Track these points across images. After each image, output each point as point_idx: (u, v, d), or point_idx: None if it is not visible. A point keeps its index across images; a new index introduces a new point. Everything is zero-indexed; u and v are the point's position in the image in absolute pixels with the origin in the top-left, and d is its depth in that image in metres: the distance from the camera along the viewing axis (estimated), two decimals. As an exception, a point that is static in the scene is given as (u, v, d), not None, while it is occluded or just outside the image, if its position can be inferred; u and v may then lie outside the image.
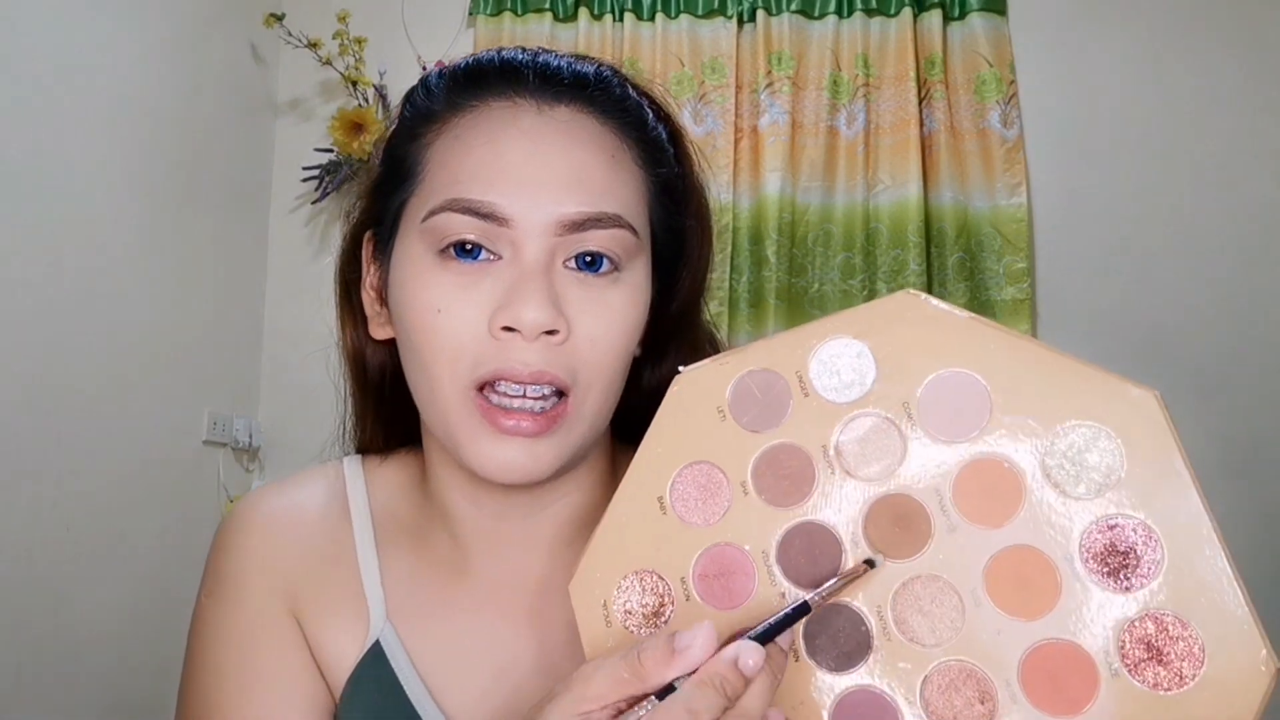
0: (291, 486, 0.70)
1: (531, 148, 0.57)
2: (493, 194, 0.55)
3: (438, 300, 0.56)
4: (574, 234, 0.56)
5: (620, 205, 0.58)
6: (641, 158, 0.61)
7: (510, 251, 0.56)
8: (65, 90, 1.78)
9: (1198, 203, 2.30)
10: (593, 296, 0.57)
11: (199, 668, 0.65)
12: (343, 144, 2.32)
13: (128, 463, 1.94)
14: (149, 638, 2.00)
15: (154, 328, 2.02)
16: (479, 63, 0.62)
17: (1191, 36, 2.34)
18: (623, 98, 0.62)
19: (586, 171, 0.57)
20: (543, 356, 0.55)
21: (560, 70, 0.60)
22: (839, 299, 2.27)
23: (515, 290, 0.55)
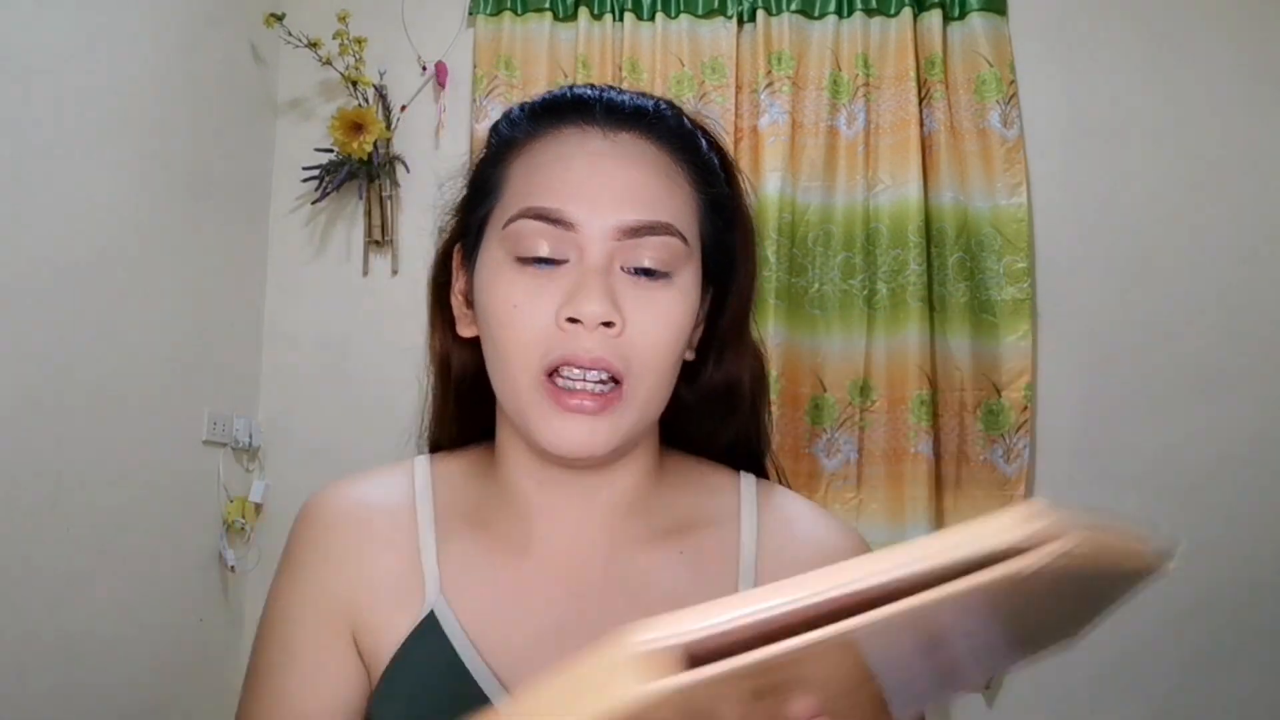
0: (361, 479, 0.78)
1: (596, 164, 0.67)
2: (561, 202, 0.65)
3: (515, 297, 0.66)
4: (631, 239, 0.66)
5: (671, 215, 0.67)
6: (694, 178, 0.70)
7: (576, 255, 0.66)
8: (65, 90, 1.78)
9: (1197, 202, 2.30)
10: (646, 296, 0.66)
11: (259, 634, 0.75)
12: (343, 144, 2.32)
13: (128, 463, 1.94)
14: (149, 638, 2.00)
15: (154, 328, 2.02)
16: (555, 97, 0.73)
17: (1191, 36, 2.34)
18: (678, 127, 0.72)
19: (643, 185, 0.67)
20: (601, 345, 0.64)
21: (623, 103, 0.71)
22: (839, 299, 2.27)
23: (579, 288, 0.64)
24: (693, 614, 0.40)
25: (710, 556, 0.73)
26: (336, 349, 2.42)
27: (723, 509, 0.75)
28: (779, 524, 0.75)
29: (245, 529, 2.29)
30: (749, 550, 0.73)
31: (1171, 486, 2.23)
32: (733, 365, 0.76)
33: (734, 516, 0.75)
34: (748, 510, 0.75)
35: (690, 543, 0.73)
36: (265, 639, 0.74)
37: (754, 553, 0.73)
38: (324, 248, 2.46)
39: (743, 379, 0.76)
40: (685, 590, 0.71)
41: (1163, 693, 2.20)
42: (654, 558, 0.72)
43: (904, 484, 2.21)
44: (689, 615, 0.40)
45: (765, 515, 0.75)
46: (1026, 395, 2.22)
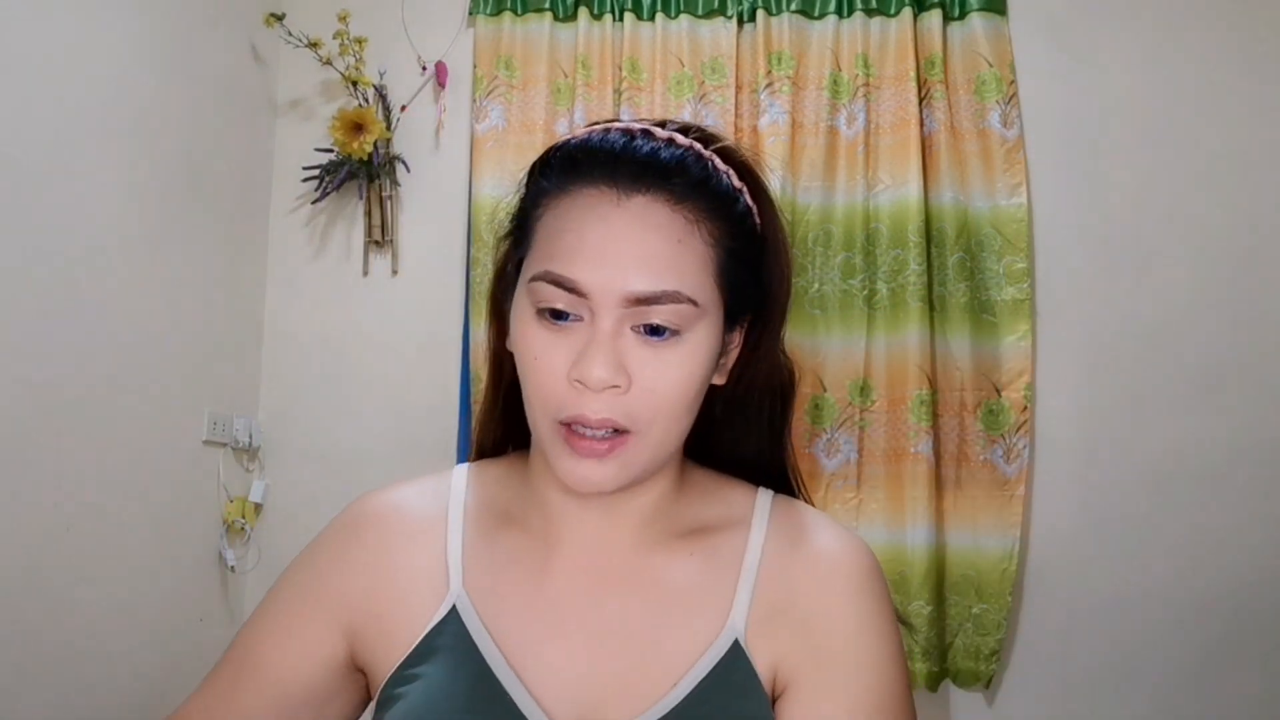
0: (404, 487, 0.82)
1: (607, 233, 0.69)
2: (574, 271, 0.68)
3: (535, 349, 0.70)
4: (640, 306, 0.68)
5: (681, 282, 0.69)
6: (713, 235, 0.71)
7: (589, 316, 0.69)
8: (65, 90, 1.78)
9: (1198, 203, 2.30)
10: (653, 356, 0.69)
11: (263, 600, 0.80)
12: (343, 144, 2.32)
13: (128, 463, 1.94)
14: (149, 638, 2.00)
15: (154, 328, 2.02)
16: (585, 148, 0.73)
17: (1192, 36, 2.34)
18: (700, 181, 0.71)
19: (653, 254, 0.68)
20: (608, 405, 0.68)
21: (641, 161, 0.71)
22: (839, 299, 2.27)
23: (586, 352, 0.68)
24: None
25: (719, 556, 0.76)
26: (336, 349, 2.42)
27: (736, 517, 0.79)
28: (789, 533, 0.78)
29: (245, 529, 2.29)
30: (754, 553, 0.76)
31: (1171, 486, 2.23)
32: (762, 381, 0.79)
33: (746, 523, 0.78)
34: (759, 519, 0.79)
35: (702, 544, 0.77)
36: (262, 610, 0.79)
37: (759, 554, 0.76)
38: (324, 248, 2.46)
39: (764, 396, 0.80)
40: (693, 584, 0.75)
41: (1163, 692, 2.20)
42: (667, 558, 0.77)
43: (904, 484, 2.21)
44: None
45: (776, 524, 0.78)
46: (1026, 395, 2.22)
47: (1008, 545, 2.20)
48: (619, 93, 2.36)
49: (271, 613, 0.78)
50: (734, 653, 0.72)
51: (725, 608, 0.74)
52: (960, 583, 2.21)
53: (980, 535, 2.21)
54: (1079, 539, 2.25)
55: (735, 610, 0.73)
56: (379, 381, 2.39)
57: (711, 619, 0.73)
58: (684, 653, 0.72)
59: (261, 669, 0.76)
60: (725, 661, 0.71)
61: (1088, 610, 2.24)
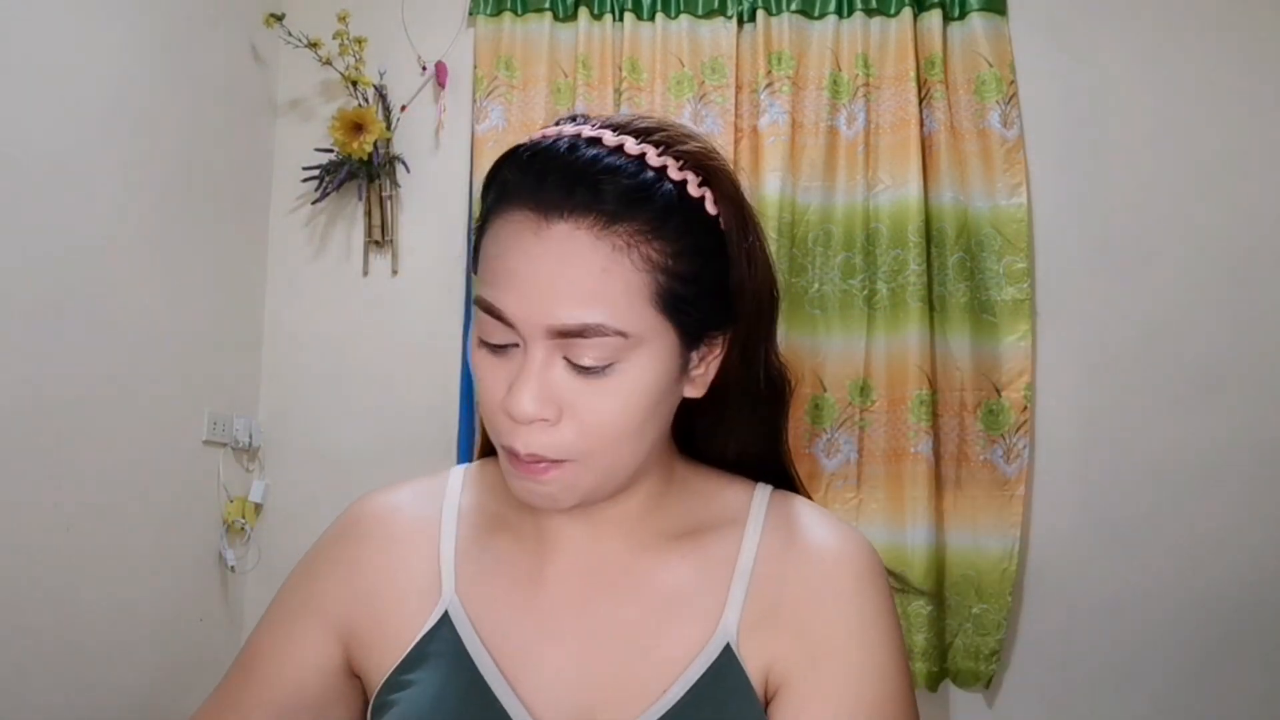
0: (400, 489, 0.82)
1: (528, 263, 0.65)
2: (501, 301, 0.66)
3: (479, 371, 0.70)
4: (565, 339, 0.65)
5: (607, 313, 0.64)
6: (651, 257, 0.65)
7: (522, 344, 0.66)
8: (65, 91, 1.78)
9: (1197, 202, 2.30)
10: (586, 387, 0.66)
11: (274, 599, 0.80)
12: (343, 144, 2.32)
13: (128, 463, 1.94)
14: (149, 638, 2.00)
15: (154, 328, 2.02)
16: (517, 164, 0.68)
17: (1191, 36, 2.34)
18: (636, 199, 0.65)
19: (573, 286, 0.64)
20: (536, 440, 0.66)
21: (569, 179, 0.65)
22: (839, 299, 2.27)
23: (515, 383, 0.66)
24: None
25: (711, 557, 0.75)
26: (336, 349, 2.42)
27: (730, 515, 0.77)
28: (784, 530, 0.76)
29: (245, 529, 2.29)
30: (748, 553, 0.74)
31: (1171, 486, 2.23)
32: (745, 389, 0.76)
33: (741, 521, 0.76)
34: (755, 517, 0.76)
35: (696, 545, 0.76)
36: (264, 620, 0.80)
37: (753, 554, 0.74)
38: (324, 248, 2.46)
39: (748, 398, 0.77)
40: (685, 587, 0.73)
41: (1163, 692, 2.20)
42: (660, 561, 0.75)
43: (904, 484, 2.21)
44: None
45: (772, 522, 0.76)
46: (1026, 395, 2.22)
47: (1008, 545, 2.20)
48: (619, 93, 2.36)
49: (272, 620, 0.78)
50: (725, 657, 0.70)
51: (717, 611, 0.72)
52: (960, 583, 2.21)
53: (980, 535, 2.21)
54: (1079, 539, 2.25)
55: (727, 613, 0.72)
56: (379, 381, 2.39)
57: (703, 623, 0.72)
58: (675, 658, 0.71)
59: (263, 677, 0.76)
60: (717, 666, 0.70)
61: (1088, 610, 2.24)
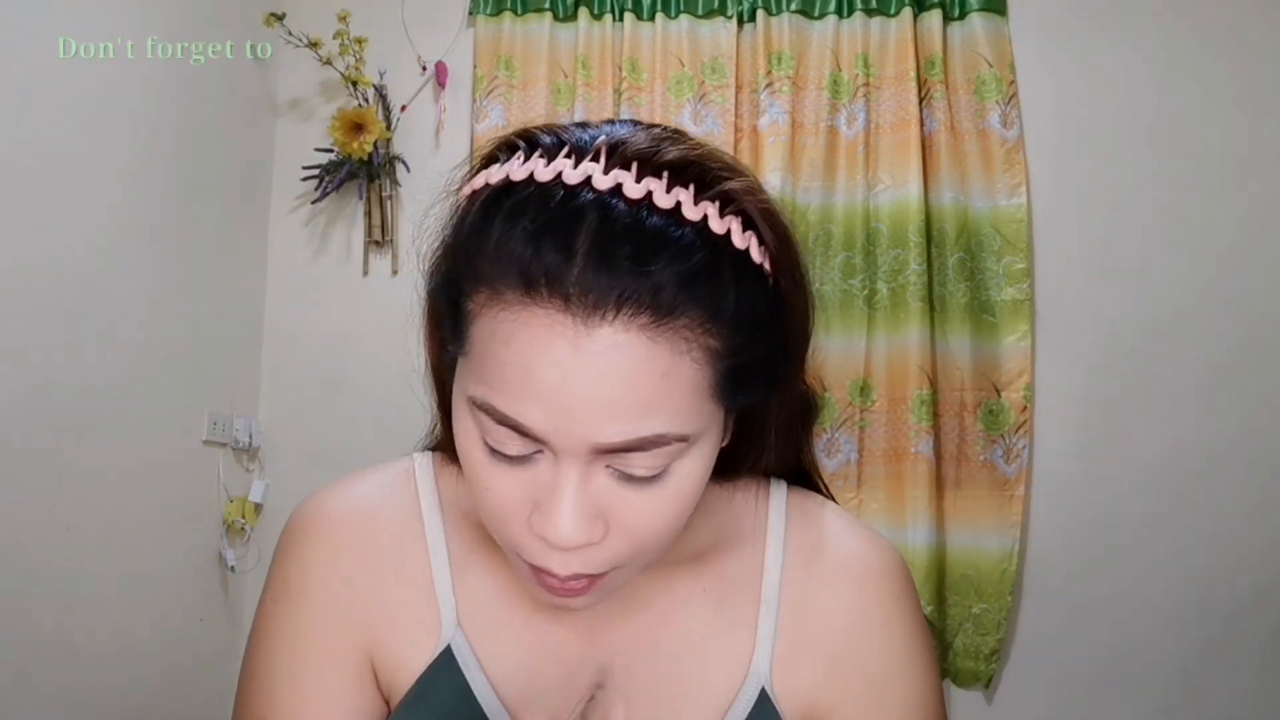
0: (358, 484, 0.70)
1: (563, 379, 0.51)
2: (525, 416, 0.52)
3: (486, 480, 0.56)
4: (611, 455, 0.53)
5: (667, 422, 0.52)
6: (711, 347, 0.53)
7: (550, 455, 0.54)
8: (65, 90, 1.78)
9: (1198, 203, 2.30)
10: (638, 497, 0.55)
11: (256, 670, 0.66)
12: (343, 144, 2.32)
13: (128, 463, 1.94)
14: (149, 637, 2.00)
15: (154, 328, 2.02)
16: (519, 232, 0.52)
17: (1191, 37, 2.34)
18: (703, 285, 0.51)
19: (625, 399, 0.51)
20: (580, 561, 0.55)
21: (617, 264, 0.50)
22: (839, 299, 2.27)
23: (550, 504, 0.53)
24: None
25: (732, 586, 0.66)
26: (336, 349, 2.42)
27: (748, 529, 0.68)
28: (809, 540, 0.68)
29: (245, 529, 2.29)
30: (773, 574, 0.66)
31: (1171, 486, 2.23)
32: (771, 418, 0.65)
33: (759, 535, 0.68)
34: (775, 526, 0.68)
35: (711, 573, 0.67)
36: (269, 680, 0.65)
37: (778, 576, 0.66)
38: (324, 248, 2.46)
39: (775, 425, 0.66)
40: (706, 624, 0.65)
41: (1162, 691, 2.20)
42: (675, 594, 0.66)
43: (904, 484, 2.21)
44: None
45: (795, 533, 0.68)
46: (1026, 395, 2.22)
47: (1007, 545, 2.20)
48: (619, 93, 2.36)
49: (285, 695, 0.64)
50: (761, 705, 0.63)
51: (746, 650, 0.64)
52: (960, 583, 2.21)
53: (980, 535, 2.21)
54: (1079, 539, 2.25)
55: (759, 652, 0.64)
56: (379, 381, 2.39)
57: (732, 665, 0.64)
58: (705, 708, 0.63)
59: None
60: (752, 717, 0.63)
61: (1088, 610, 2.24)
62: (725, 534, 0.68)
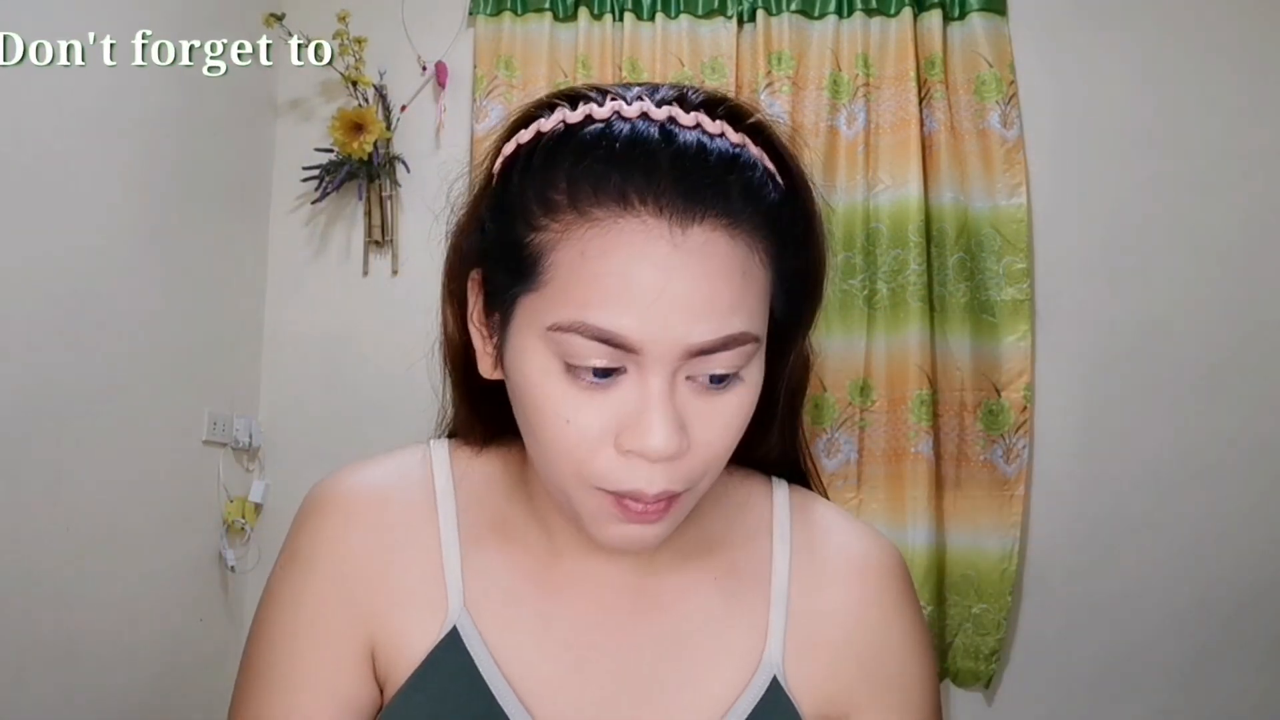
0: (376, 467, 0.70)
1: (663, 280, 0.55)
2: (622, 324, 0.55)
3: (565, 411, 0.57)
4: (700, 357, 0.56)
5: (746, 320, 0.57)
6: (770, 254, 0.59)
7: (636, 370, 0.56)
8: (65, 90, 1.78)
9: (1198, 203, 2.30)
10: (709, 407, 0.58)
11: (261, 631, 0.68)
12: (343, 144, 2.32)
13: (128, 463, 1.94)
14: (149, 638, 2.00)
15: (154, 328, 2.02)
16: (608, 156, 0.57)
17: (1191, 37, 2.34)
18: (759, 193, 0.59)
19: (717, 296, 0.56)
20: (667, 476, 0.57)
21: (693, 176, 0.56)
22: (839, 299, 2.27)
23: (642, 417, 0.56)
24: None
25: (742, 578, 0.68)
26: (336, 349, 2.42)
27: (755, 523, 0.70)
28: (814, 537, 0.70)
29: (245, 529, 2.29)
30: (782, 568, 0.68)
31: (1171, 486, 2.23)
32: (779, 384, 0.68)
33: (766, 531, 0.70)
34: (781, 523, 0.70)
35: (722, 563, 0.68)
36: (268, 643, 0.67)
37: (787, 571, 0.68)
38: (324, 248, 2.46)
39: (780, 393, 0.68)
40: (717, 612, 0.67)
41: (1162, 691, 2.20)
42: (685, 580, 0.68)
43: (904, 484, 2.21)
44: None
45: (799, 529, 0.70)
46: (1026, 395, 2.22)
47: (1007, 545, 2.20)
48: (619, 93, 2.36)
49: (297, 662, 0.65)
50: (773, 693, 0.64)
51: (758, 640, 0.66)
52: (960, 583, 2.21)
53: (980, 535, 2.21)
54: (1079, 539, 2.25)
55: (770, 642, 0.65)
56: (379, 381, 2.39)
57: (743, 655, 0.65)
58: (715, 696, 0.64)
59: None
60: (764, 704, 0.64)
61: (1088, 610, 2.24)
62: (733, 527, 0.70)
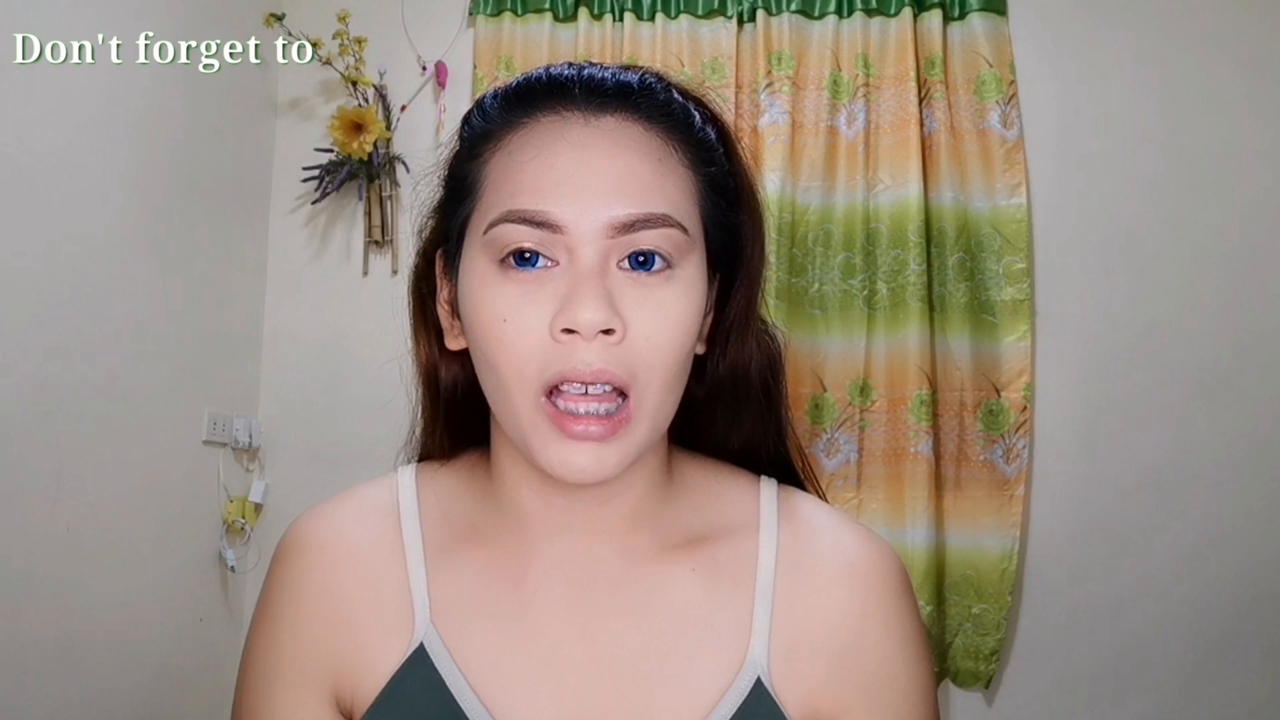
0: (337, 504, 0.72)
1: (579, 156, 0.60)
2: (546, 203, 0.59)
3: (503, 310, 0.60)
4: (625, 235, 0.59)
5: (668, 204, 0.61)
6: (690, 158, 0.64)
7: (566, 257, 0.59)
8: (65, 90, 1.78)
9: (1198, 203, 2.30)
10: (647, 295, 0.60)
11: (239, 678, 0.70)
12: (343, 144, 2.32)
13: (128, 463, 1.94)
14: (149, 638, 2.00)
15: (154, 328, 2.02)
16: (528, 80, 0.65)
17: (1191, 36, 2.34)
18: (667, 102, 0.64)
19: (634, 175, 0.60)
20: (601, 356, 0.58)
21: (604, 81, 0.64)
22: (839, 299, 2.27)
23: (572, 294, 0.58)
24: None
25: (725, 572, 0.67)
26: (336, 349, 2.42)
27: (739, 519, 0.69)
28: (801, 536, 0.68)
29: (245, 529, 2.29)
30: (768, 566, 0.66)
31: (1171, 487, 2.23)
32: (739, 354, 0.68)
33: (752, 527, 0.68)
34: (768, 520, 0.68)
35: (703, 557, 0.67)
36: (244, 692, 0.69)
37: (773, 568, 0.66)
38: (324, 248, 2.46)
39: (749, 368, 0.69)
40: (698, 608, 0.65)
41: (1162, 692, 2.20)
42: (663, 575, 0.67)
43: (904, 484, 2.21)
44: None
45: (786, 526, 0.68)
46: (1026, 395, 2.22)
47: (1007, 545, 2.20)
48: (619, 93, 2.36)
49: (255, 707, 0.67)
50: (757, 694, 0.63)
51: (742, 638, 0.64)
52: (960, 583, 2.21)
53: (980, 535, 2.21)
54: (1079, 539, 2.25)
55: (755, 641, 0.64)
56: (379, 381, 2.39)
57: (726, 653, 0.64)
58: (695, 694, 0.63)
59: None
60: (747, 706, 0.62)
61: (1088, 610, 2.24)
62: (716, 525, 0.69)
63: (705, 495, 0.70)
